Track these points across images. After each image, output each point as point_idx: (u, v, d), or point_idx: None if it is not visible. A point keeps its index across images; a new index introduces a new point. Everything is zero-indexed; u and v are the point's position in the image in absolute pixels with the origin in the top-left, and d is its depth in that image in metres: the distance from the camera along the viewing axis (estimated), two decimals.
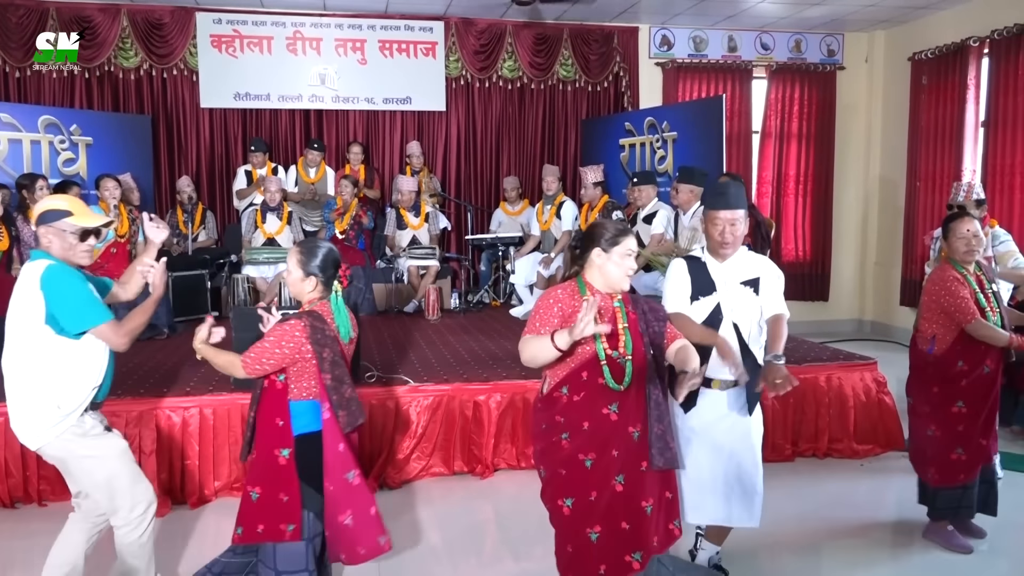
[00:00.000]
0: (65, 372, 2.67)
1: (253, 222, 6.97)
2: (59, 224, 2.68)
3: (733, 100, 8.46)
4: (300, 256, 2.66)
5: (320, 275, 2.65)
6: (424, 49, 8.11)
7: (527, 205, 7.92)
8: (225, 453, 4.19)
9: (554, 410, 2.52)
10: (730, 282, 2.99)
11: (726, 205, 2.93)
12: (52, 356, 2.65)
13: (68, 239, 2.70)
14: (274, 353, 2.52)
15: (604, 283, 2.56)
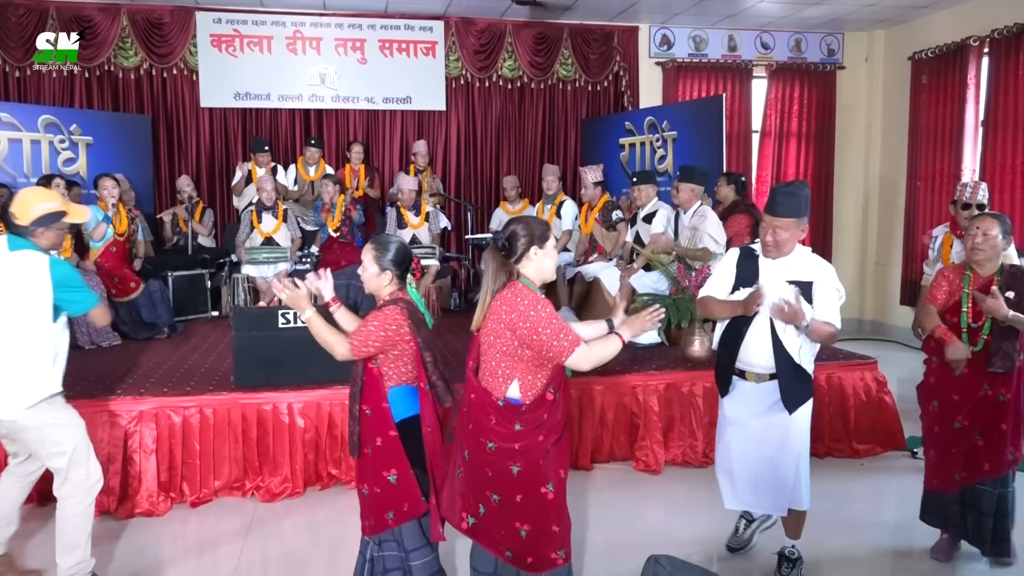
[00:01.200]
0: (55, 352, 2.98)
1: (249, 222, 6.96)
2: (58, 225, 3.03)
3: (733, 99, 8.46)
4: (374, 252, 2.77)
5: (394, 269, 2.77)
6: (424, 49, 8.11)
7: (527, 204, 7.91)
8: (226, 452, 4.19)
9: (541, 410, 2.53)
10: (775, 277, 3.05)
11: (771, 211, 3.04)
12: (46, 338, 2.94)
13: (62, 236, 3.11)
14: (379, 335, 2.64)
15: (539, 278, 2.60)
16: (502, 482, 2.52)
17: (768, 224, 3.03)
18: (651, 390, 4.67)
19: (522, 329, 2.45)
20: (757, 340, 3.09)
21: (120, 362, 5.00)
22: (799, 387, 3.06)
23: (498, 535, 2.57)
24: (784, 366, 3.03)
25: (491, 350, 2.55)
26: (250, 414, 4.21)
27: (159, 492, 4.04)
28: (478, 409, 2.55)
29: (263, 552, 3.65)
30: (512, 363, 2.52)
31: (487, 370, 2.57)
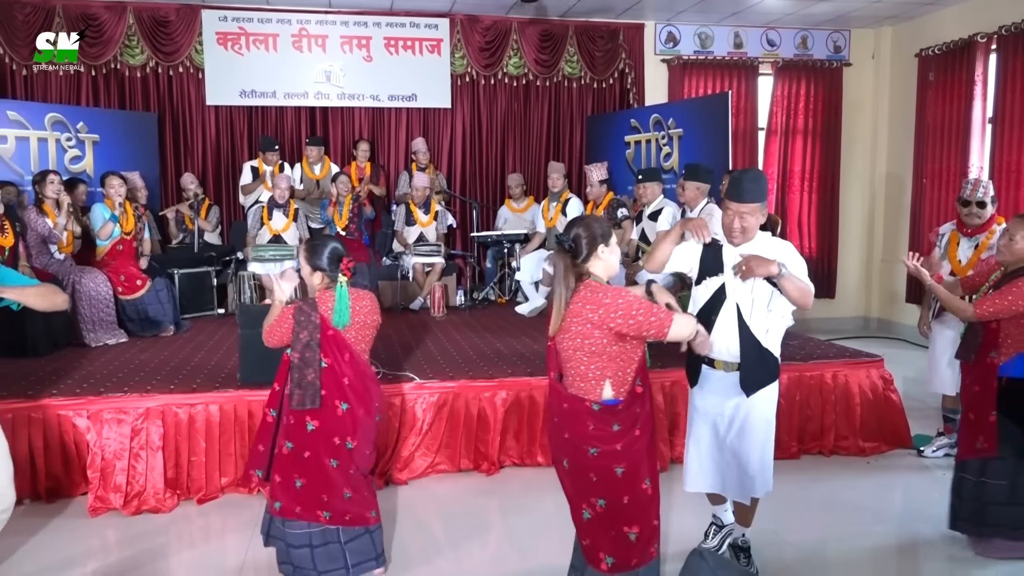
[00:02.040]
0: None
1: (259, 219, 6.98)
2: None
3: (739, 97, 8.43)
4: (306, 253, 3.07)
5: (326, 268, 3.03)
6: (429, 46, 8.11)
7: (532, 202, 7.92)
8: (232, 450, 4.20)
9: (635, 405, 2.58)
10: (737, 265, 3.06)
11: (736, 197, 3.03)
12: None
13: None
14: (276, 329, 3.07)
15: (607, 275, 2.64)
16: (608, 486, 2.55)
17: (735, 211, 3.02)
18: (656, 387, 4.66)
19: (615, 321, 2.47)
20: (725, 328, 3.09)
21: (126, 359, 5.01)
22: (761, 371, 3.07)
23: (603, 542, 2.58)
24: (749, 348, 3.04)
25: (578, 353, 2.54)
26: (256, 412, 4.21)
27: (165, 489, 4.06)
28: (572, 418, 2.56)
29: (269, 549, 3.65)
30: (602, 362, 2.52)
31: (576, 375, 2.56)
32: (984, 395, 3.38)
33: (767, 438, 3.15)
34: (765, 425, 3.13)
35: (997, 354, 3.34)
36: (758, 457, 3.12)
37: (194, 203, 7.22)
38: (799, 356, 5.03)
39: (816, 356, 5.08)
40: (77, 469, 4.08)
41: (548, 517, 2.70)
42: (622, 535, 2.55)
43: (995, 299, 3.29)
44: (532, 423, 4.52)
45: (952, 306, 3.45)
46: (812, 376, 4.86)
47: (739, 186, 3.04)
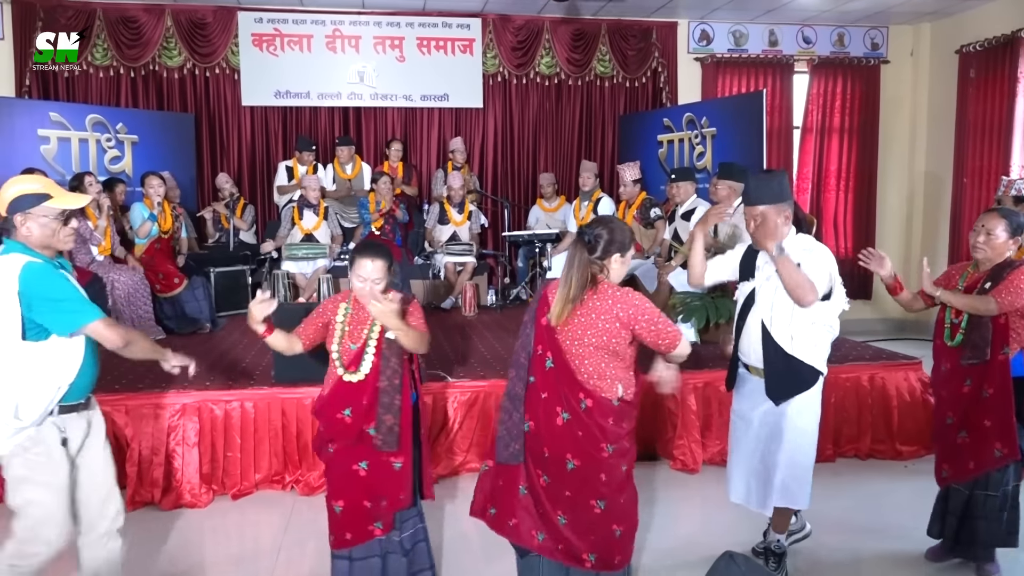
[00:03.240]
0: (33, 376, 2.41)
1: (291, 219, 7.06)
2: (38, 210, 2.41)
3: (774, 95, 8.34)
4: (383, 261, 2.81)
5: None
6: (462, 46, 8.13)
7: (564, 202, 7.90)
8: (266, 446, 4.25)
9: (634, 409, 2.61)
10: (767, 269, 3.04)
11: (747, 200, 3.04)
12: (14, 356, 2.39)
13: (50, 225, 2.43)
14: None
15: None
16: (614, 485, 2.55)
17: (748, 215, 3.01)
18: (688, 388, 4.62)
19: (640, 323, 2.48)
20: (754, 333, 3.06)
21: None
22: (789, 378, 2.99)
23: (586, 543, 2.56)
24: (772, 355, 2.99)
25: (598, 351, 2.51)
26: (289, 409, 4.27)
27: (201, 484, 4.12)
28: (591, 415, 2.50)
29: (302, 545, 3.69)
30: (616, 362, 2.53)
31: (593, 372, 2.52)
32: (1000, 396, 3.19)
33: (800, 449, 3.06)
34: (799, 436, 3.05)
35: (1009, 349, 3.20)
36: (784, 466, 3.05)
37: (229, 202, 7.32)
38: (834, 358, 4.89)
39: (852, 358, 5.01)
40: (116, 463, 4.14)
41: None
42: (609, 532, 2.56)
43: (1009, 292, 3.09)
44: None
45: (973, 305, 3.17)
46: (848, 378, 4.79)
47: (748, 189, 3.06)
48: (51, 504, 2.48)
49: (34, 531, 2.47)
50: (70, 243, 2.53)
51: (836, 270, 3.00)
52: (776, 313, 2.99)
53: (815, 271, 2.92)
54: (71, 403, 2.53)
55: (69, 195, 2.55)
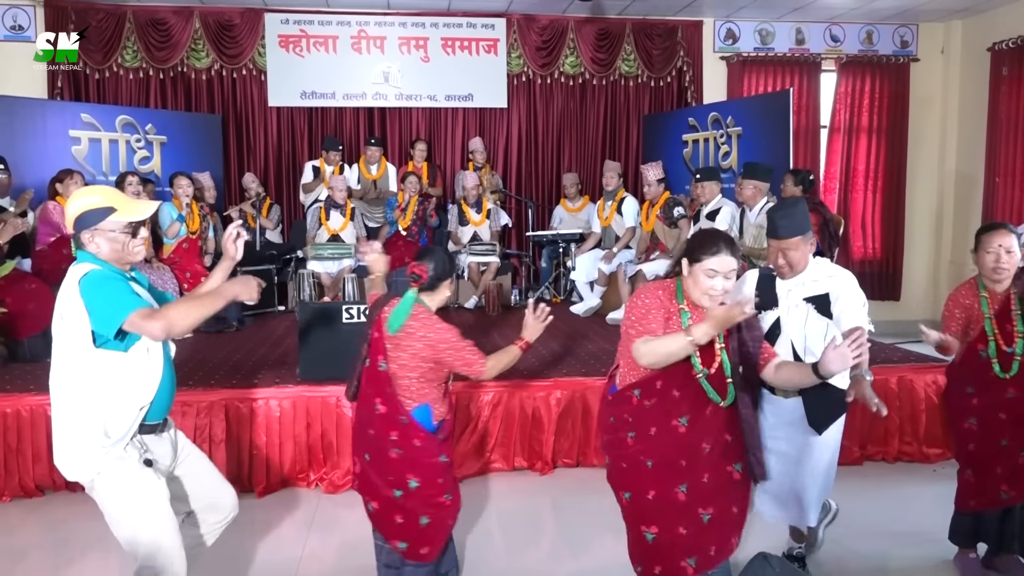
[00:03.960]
0: (111, 393, 2.29)
1: (317, 219, 7.11)
2: (104, 225, 2.30)
3: (800, 94, 8.26)
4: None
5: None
6: (486, 46, 8.14)
7: (588, 202, 7.88)
8: (291, 445, 4.28)
9: (624, 408, 2.54)
10: (791, 298, 2.98)
11: (772, 234, 2.95)
12: (99, 375, 2.28)
13: (119, 239, 2.33)
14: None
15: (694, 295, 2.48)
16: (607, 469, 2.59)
17: (775, 248, 2.95)
18: None
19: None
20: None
21: (191, 354, 5.16)
22: (828, 406, 2.93)
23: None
24: (810, 387, 2.80)
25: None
26: (314, 407, 4.30)
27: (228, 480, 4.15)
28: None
29: (326, 542, 3.72)
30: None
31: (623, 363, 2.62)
32: None
33: (829, 463, 3.07)
34: (826, 451, 3.05)
35: None
36: (818, 482, 3.05)
37: (256, 202, 7.39)
38: None
39: (880, 360, 4.94)
40: None
41: (603, 517, 2.70)
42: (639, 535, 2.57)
43: None
44: (587, 424, 4.50)
45: None
46: (876, 381, 4.61)
47: (772, 223, 2.96)
48: (157, 527, 2.36)
49: (153, 563, 2.36)
50: (141, 254, 2.42)
51: (859, 288, 2.99)
52: (809, 342, 2.93)
53: (850, 301, 2.90)
54: (152, 423, 2.41)
55: (133, 205, 2.41)
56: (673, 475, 2.48)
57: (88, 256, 2.32)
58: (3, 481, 4.14)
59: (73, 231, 2.34)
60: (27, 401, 4.16)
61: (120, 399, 2.30)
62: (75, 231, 2.33)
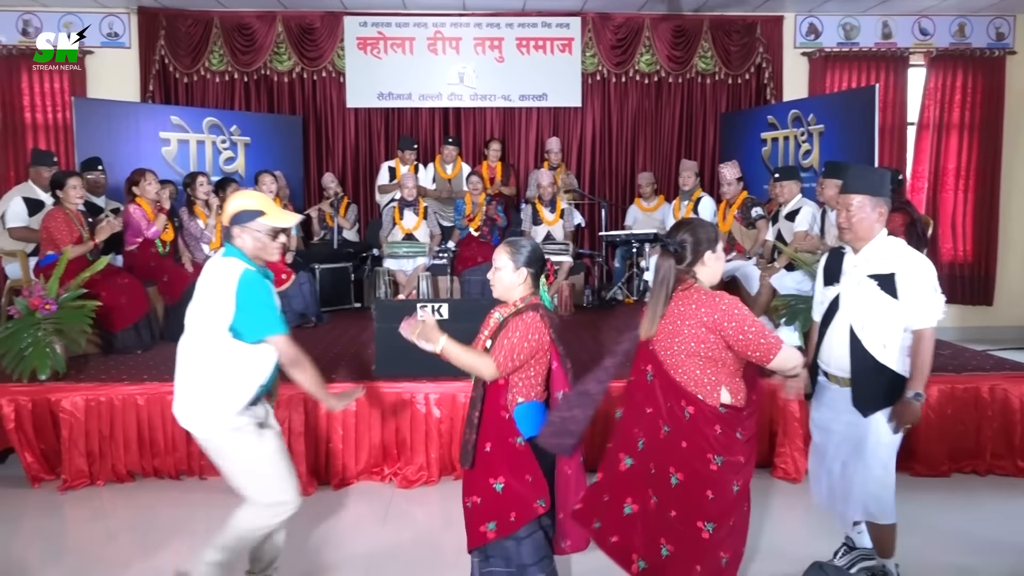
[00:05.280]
0: (238, 372, 2.72)
1: (392, 218, 7.23)
2: (253, 225, 2.72)
3: (887, 90, 7.96)
4: (510, 250, 2.63)
5: (530, 268, 2.63)
6: (560, 45, 8.12)
7: (663, 201, 7.78)
8: (366, 439, 4.36)
9: (754, 416, 2.50)
10: (856, 273, 2.89)
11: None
12: (229, 356, 2.70)
13: (262, 239, 2.74)
14: (523, 347, 2.50)
15: (709, 282, 2.54)
16: (723, 506, 2.39)
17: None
18: None
19: (728, 329, 2.37)
20: (838, 340, 2.91)
21: None
22: (878, 389, 2.84)
23: (691, 571, 2.40)
24: (862, 366, 2.84)
25: (692, 358, 2.42)
26: (389, 403, 4.37)
27: (307, 474, 4.26)
28: (697, 421, 2.39)
29: (399, 536, 3.78)
30: (716, 368, 2.43)
31: (690, 380, 2.42)
32: None
33: (882, 463, 2.92)
34: (882, 450, 2.91)
35: None
36: (870, 480, 2.92)
37: (334, 201, 7.55)
38: (952, 367, 4.69)
39: (971, 368, 4.72)
40: None
41: None
42: (716, 561, 2.41)
43: None
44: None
45: None
46: (966, 389, 4.51)
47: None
48: (274, 468, 2.81)
49: (271, 495, 2.80)
50: (276, 255, 2.82)
51: (935, 276, 2.85)
52: (868, 319, 2.84)
53: (918, 286, 2.79)
54: (259, 396, 2.85)
55: (280, 214, 2.80)
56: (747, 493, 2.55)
57: (235, 251, 2.73)
58: (97, 466, 4.34)
59: (228, 225, 2.74)
60: (120, 391, 4.36)
61: (244, 378, 2.73)
62: (229, 225, 2.73)
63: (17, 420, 4.30)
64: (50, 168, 5.88)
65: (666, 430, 2.44)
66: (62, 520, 4.05)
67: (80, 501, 4.18)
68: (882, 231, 2.89)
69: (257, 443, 2.78)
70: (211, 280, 2.71)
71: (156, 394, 4.34)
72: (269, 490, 2.81)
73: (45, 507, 4.13)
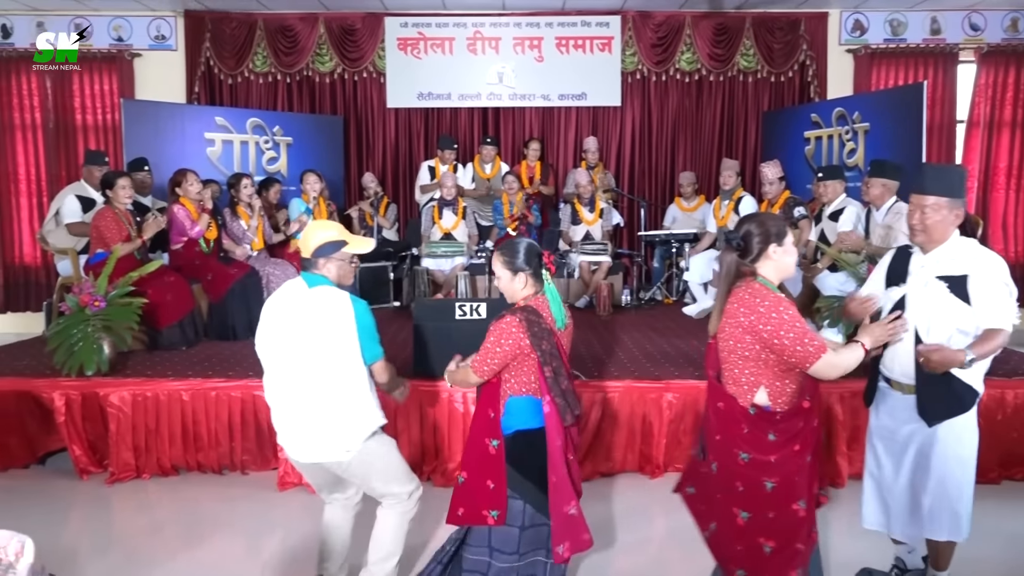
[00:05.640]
0: (370, 388, 2.89)
1: (431, 217, 7.27)
2: (338, 255, 2.86)
3: (935, 87, 7.79)
4: (503, 259, 2.69)
5: (527, 268, 2.67)
6: (600, 44, 8.09)
7: (703, 201, 7.70)
8: (404, 438, 4.36)
9: (797, 418, 2.44)
10: (923, 274, 2.77)
11: (917, 189, 2.77)
12: (362, 375, 2.84)
13: (346, 267, 2.90)
14: (496, 352, 2.58)
15: (779, 277, 2.51)
16: (753, 498, 2.43)
17: (915, 204, 2.73)
18: (835, 397, 4.39)
19: (763, 332, 2.36)
20: (902, 345, 2.77)
21: None
22: (943, 398, 2.70)
23: (733, 552, 2.50)
24: (927, 371, 2.68)
25: (732, 356, 2.46)
26: (428, 401, 4.39)
27: None
28: (727, 418, 2.47)
29: (438, 535, 3.78)
30: (757, 368, 2.42)
31: (730, 377, 2.49)
32: None
33: (956, 478, 2.77)
34: (956, 464, 2.76)
35: None
36: (938, 495, 2.77)
37: (374, 201, 7.62)
38: (1002, 371, 4.55)
39: (1021, 372, 4.59)
40: (268, 446, 4.43)
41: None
42: (756, 546, 2.42)
43: None
44: (699, 427, 4.39)
45: None
46: (1019, 394, 4.38)
47: (920, 176, 2.79)
48: (400, 459, 3.02)
49: (412, 486, 3.01)
50: (351, 279, 2.95)
51: (1010, 278, 2.72)
52: (935, 323, 2.71)
53: (990, 287, 2.66)
54: None
55: (358, 241, 2.95)
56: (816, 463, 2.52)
57: (322, 279, 2.83)
58: (143, 460, 4.43)
59: (311, 256, 2.84)
60: (165, 386, 4.45)
61: (373, 391, 2.90)
62: (313, 256, 2.84)
63: (68, 413, 4.41)
64: (101, 168, 6.04)
65: (711, 420, 2.58)
66: (109, 512, 4.14)
67: (126, 494, 4.28)
68: (955, 233, 2.77)
69: (388, 443, 2.97)
70: (319, 309, 2.77)
71: (200, 390, 4.43)
72: (407, 480, 3.00)
73: (93, 499, 4.23)
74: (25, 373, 4.65)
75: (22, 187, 7.98)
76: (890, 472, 2.91)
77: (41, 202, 7.91)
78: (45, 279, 7.87)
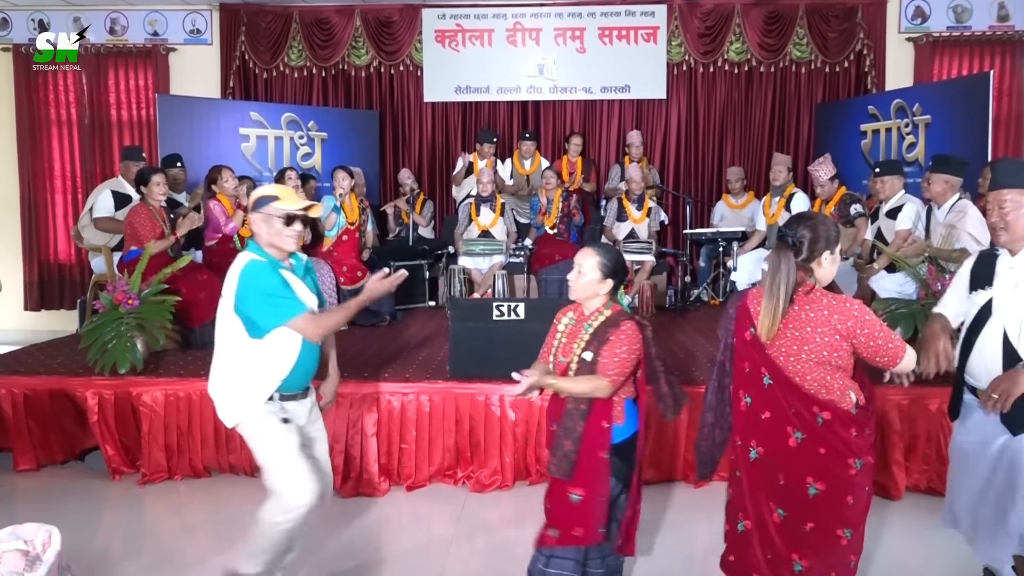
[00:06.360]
0: (253, 364, 2.75)
1: (468, 215, 7.09)
2: (267, 209, 2.73)
3: (1002, 77, 7.42)
4: (601, 259, 2.63)
5: (615, 279, 2.66)
6: (645, 35, 7.84)
7: (752, 198, 7.41)
8: (440, 440, 4.23)
9: (875, 417, 2.44)
10: (1012, 275, 2.61)
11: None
12: (242, 348, 2.75)
13: (274, 224, 2.73)
14: (631, 359, 2.56)
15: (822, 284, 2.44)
16: (860, 510, 2.38)
17: (993, 201, 2.60)
18: (892, 405, 4.10)
19: (860, 336, 2.29)
20: (990, 351, 2.59)
21: (345, 347, 5.19)
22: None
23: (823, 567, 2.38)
24: None
25: (820, 366, 2.32)
26: (463, 404, 4.22)
27: (379, 474, 4.16)
28: (832, 428, 2.32)
29: (472, 542, 3.64)
30: (843, 374, 2.35)
31: (820, 386, 2.32)
32: None
33: None
34: None
35: None
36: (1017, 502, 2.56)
37: (410, 198, 7.48)
38: None
39: None
40: None
41: None
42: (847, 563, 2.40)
43: None
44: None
45: None
46: None
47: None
48: (290, 462, 2.78)
49: (286, 488, 2.76)
50: (291, 244, 2.78)
51: None
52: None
53: None
54: (290, 392, 2.86)
55: (295, 199, 2.81)
56: None
57: (253, 245, 2.77)
58: (175, 461, 4.33)
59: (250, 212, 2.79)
60: (198, 386, 4.33)
61: (258, 375, 2.77)
62: (251, 212, 2.79)
63: (100, 413, 4.33)
64: (138, 163, 5.99)
65: (798, 437, 2.34)
66: (141, 513, 4.06)
67: (158, 495, 4.19)
68: None
69: (272, 436, 2.79)
70: (229, 275, 2.75)
71: None
72: (291, 486, 2.76)
73: (125, 500, 4.15)
74: (59, 372, 4.58)
75: (57, 184, 8.00)
76: (974, 491, 2.70)
77: (76, 199, 7.92)
78: (79, 277, 7.87)
